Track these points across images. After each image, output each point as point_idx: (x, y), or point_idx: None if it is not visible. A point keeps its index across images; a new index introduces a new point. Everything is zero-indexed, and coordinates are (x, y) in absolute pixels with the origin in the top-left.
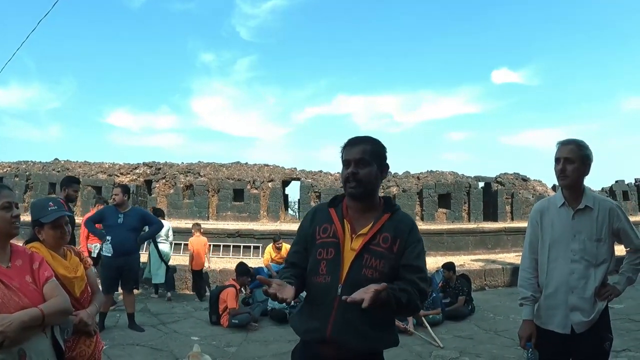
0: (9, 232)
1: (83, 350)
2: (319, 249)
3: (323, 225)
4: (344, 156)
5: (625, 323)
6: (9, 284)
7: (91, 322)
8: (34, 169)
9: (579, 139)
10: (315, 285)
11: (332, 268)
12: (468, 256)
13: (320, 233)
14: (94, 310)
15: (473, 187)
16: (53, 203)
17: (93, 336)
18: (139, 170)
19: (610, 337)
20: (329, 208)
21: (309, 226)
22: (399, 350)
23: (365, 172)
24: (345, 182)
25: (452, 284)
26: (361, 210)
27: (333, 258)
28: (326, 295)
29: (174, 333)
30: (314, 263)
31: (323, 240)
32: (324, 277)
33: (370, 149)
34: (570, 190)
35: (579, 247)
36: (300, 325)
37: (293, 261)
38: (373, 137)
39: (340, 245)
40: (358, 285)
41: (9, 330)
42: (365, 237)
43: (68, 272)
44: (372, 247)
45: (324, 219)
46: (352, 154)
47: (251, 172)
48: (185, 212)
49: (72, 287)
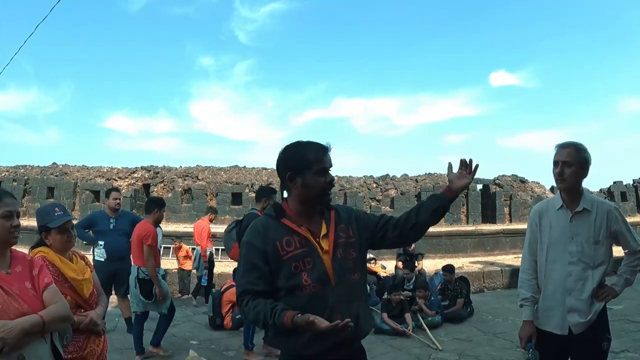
0: (7, 240)
1: (93, 349)
2: (293, 263)
3: (284, 239)
4: (322, 163)
5: (624, 324)
6: (8, 289)
7: (100, 322)
8: (32, 173)
9: (577, 142)
10: (305, 297)
11: (317, 275)
12: (466, 258)
13: (284, 248)
14: (102, 310)
15: (471, 189)
16: (58, 208)
17: (102, 336)
18: (137, 175)
19: (608, 338)
20: (280, 220)
21: (265, 244)
22: (398, 353)
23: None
24: (325, 190)
25: (450, 286)
26: (312, 214)
27: (313, 267)
28: (324, 302)
29: (172, 337)
30: (291, 278)
31: (293, 254)
32: (311, 286)
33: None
34: (568, 193)
35: (577, 250)
36: (301, 340)
37: (260, 289)
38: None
39: (316, 252)
40: (345, 279)
41: (10, 337)
42: (331, 236)
43: (77, 275)
44: (339, 241)
45: (282, 233)
46: (330, 162)
47: (249, 175)
48: (183, 216)
49: (82, 289)
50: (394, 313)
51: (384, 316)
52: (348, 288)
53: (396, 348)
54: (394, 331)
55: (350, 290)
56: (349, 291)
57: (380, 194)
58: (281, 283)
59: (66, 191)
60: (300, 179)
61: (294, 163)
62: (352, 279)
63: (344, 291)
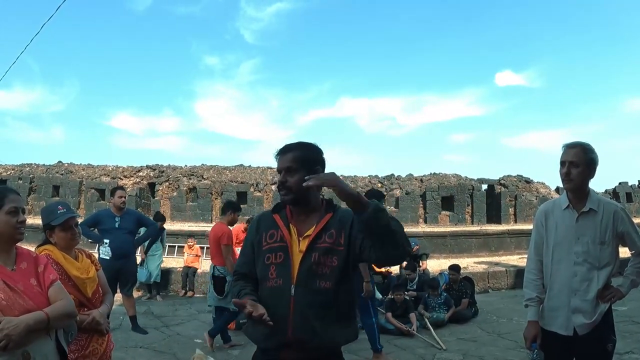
0: (13, 237)
1: (96, 348)
2: (267, 255)
3: (269, 231)
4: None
5: (629, 325)
6: (13, 286)
7: (103, 321)
8: (37, 171)
9: (585, 142)
10: (267, 290)
11: (282, 271)
12: (471, 259)
13: (266, 239)
14: (105, 309)
15: (476, 190)
16: (62, 206)
17: (105, 335)
18: (142, 173)
19: (613, 339)
20: (273, 214)
21: (255, 235)
22: (402, 353)
23: (294, 180)
24: (279, 190)
25: (455, 286)
26: (304, 214)
27: (282, 262)
28: (280, 298)
29: (177, 335)
30: (263, 269)
31: (270, 246)
32: (274, 280)
33: (300, 155)
34: (574, 193)
35: (582, 250)
36: (258, 333)
37: (244, 272)
38: (304, 143)
39: (289, 248)
40: (310, 283)
41: (14, 334)
42: (310, 237)
43: (80, 273)
44: (317, 245)
45: (269, 226)
46: (281, 163)
47: (254, 174)
48: (188, 215)
49: (85, 288)
50: (399, 313)
51: (388, 316)
52: (311, 293)
53: (400, 348)
54: (398, 331)
55: (313, 295)
56: (312, 297)
57: (385, 193)
58: (257, 271)
59: (71, 189)
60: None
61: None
62: (321, 286)
63: (305, 294)
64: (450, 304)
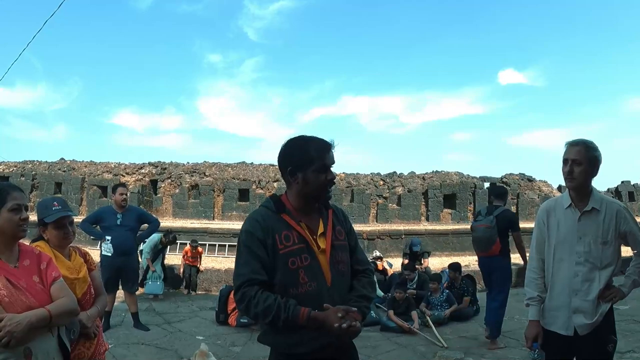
0: (16, 234)
1: (82, 352)
2: (290, 259)
3: (283, 232)
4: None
5: (630, 324)
6: (16, 283)
7: (90, 324)
8: (39, 168)
9: (588, 140)
10: (301, 295)
11: (314, 273)
12: (473, 257)
13: (283, 241)
14: (94, 312)
15: (478, 188)
16: (57, 203)
17: (93, 339)
18: (145, 170)
19: (614, 339)
20: (280, 214)
21: (265, 235)
22: (404, 351)
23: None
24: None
25: (457, 284)
26: (311, 212)
27: (310, 264)
28: (317, 302)
29: (178, 332)
30: (288, 274)
31: (290, 249)
32: (308, 284)
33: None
34: (577, 192)
35: (584, 250)
36: (291, 340)
37: (263, 280)
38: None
39: (312, 249)
40: (341, 282)
41: (17, 331)
42: (328, 235)
43: (70, 273)
44: (335, 243)
45: (281, 226)
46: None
47: (256, 172)
48: (190, 212)
49: (74, 289)
50: (400, 310)
51: (390, 313)
52: (344, 291)
53: (402, 345)
54: (399, 328)
55: (346, 294)
56: (345, 295)
57: (387, 191)
58: (277, 278)
59: (73, 187)
60: (300, 175)
61: (295, 158)
62: (347, 284)
63: (339, 293)
64: (452, 301)
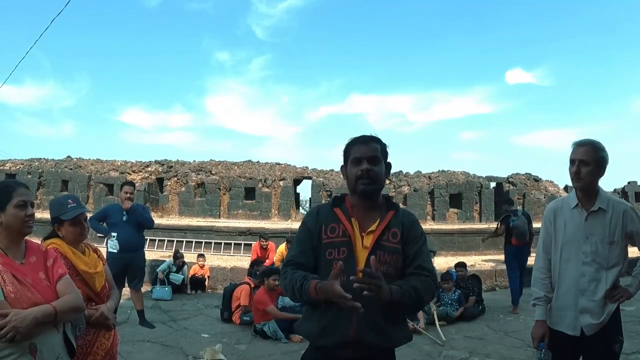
0: (21, 230)
1: (103, 343)
2: (329, 249)
3: (330, 225)
4: (355, 154)
5: (636, 325)
6: (22, 279)
7: (111, 315)
8: (46, 166)
9: (595, 140)
10: None
11: (347, 267)
12: (479, 256)
13: (327, 232)
14: (112, 304)
15: (484, 187)
16: (72, 200)
17: (112, 329)
18: (151, 168)
19: (620, 340)
20: (334, 208)
21: (315, 225)
22: (408, 350)
23: (377, 169)
24: (358, 179)
25: (463, 283)
26: (367, 209)
27: (346, 257)
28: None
29: (184, 330)
30: (325, 264)
31: (332, 240)
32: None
33: (380, 147)
34: (584, 192)
35: (591, 250)
36: (315, 330)
37: (300, 262)
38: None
39: (353, 244)
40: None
41: (22, 326)
42: (375, 233)
43: (89, 268)
44: (383, 243)
45: (330, 219)
46: (365, 152)
47: (263, 170)
48: (196, 210)
49: (93, 283)
50: None
51: None
52: None
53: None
54: None
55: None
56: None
57: (394, 190)
58: (319, 264)
59: (80, 184)
60: (345, 169)
61: (344, 154)
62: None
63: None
64: (462, 302)
